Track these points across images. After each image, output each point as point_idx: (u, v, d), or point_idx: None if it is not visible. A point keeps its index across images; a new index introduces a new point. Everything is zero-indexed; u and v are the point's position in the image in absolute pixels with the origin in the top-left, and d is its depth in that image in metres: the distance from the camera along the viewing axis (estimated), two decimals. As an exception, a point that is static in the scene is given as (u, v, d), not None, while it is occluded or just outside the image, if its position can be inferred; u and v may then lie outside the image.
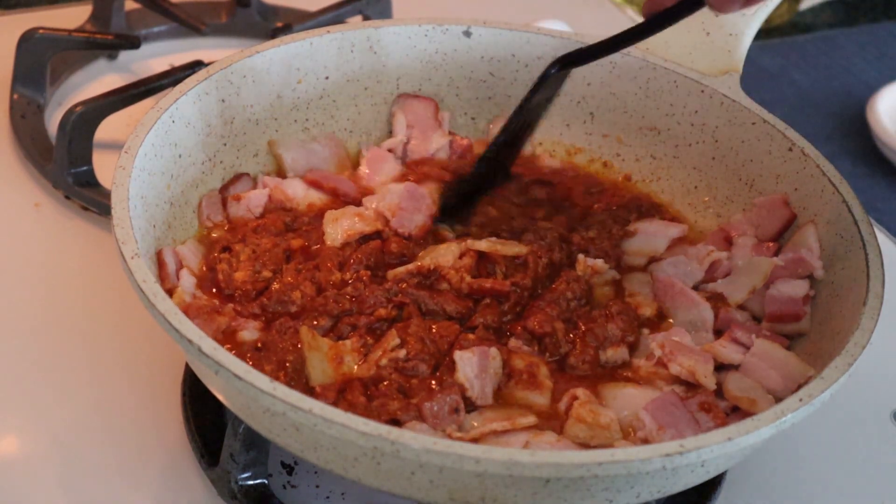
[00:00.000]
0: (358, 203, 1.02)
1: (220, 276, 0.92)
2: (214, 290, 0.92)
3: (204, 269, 0.94)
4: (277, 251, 0.94)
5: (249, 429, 0.84)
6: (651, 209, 1.07)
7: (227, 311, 0.89)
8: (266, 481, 0.88)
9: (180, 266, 0.92)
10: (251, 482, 0.87)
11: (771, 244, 1.00)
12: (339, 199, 1.04)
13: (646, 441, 0.84)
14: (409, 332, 0.88)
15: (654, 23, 0.89)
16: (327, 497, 0.90)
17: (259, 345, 0.86)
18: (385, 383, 0.84)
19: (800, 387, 0.81)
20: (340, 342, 0.87)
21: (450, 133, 1.13)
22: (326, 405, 0.71)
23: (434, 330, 0.89)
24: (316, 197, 1.03)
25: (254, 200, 1.00)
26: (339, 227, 0.97)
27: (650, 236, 1.03)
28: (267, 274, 0.92)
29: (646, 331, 0.94)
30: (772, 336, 0.93)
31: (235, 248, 0.94)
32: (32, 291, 1.06)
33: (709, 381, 0.88)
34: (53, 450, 0.92)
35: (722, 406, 0.87)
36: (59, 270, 1.09)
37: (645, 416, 0.84)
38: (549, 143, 1.15)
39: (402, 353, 0.86)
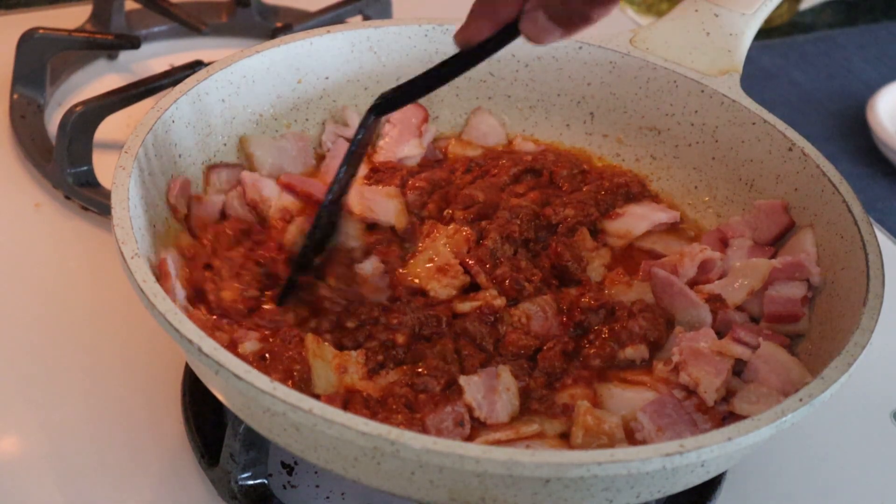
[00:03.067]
0: None
1: (211, 296, 0.90)
2: (203, 306, 0.90)
3: (187, 285, 0.90)
4: (250, 265, 0.92)
5: (249, 429, 0.84)
6: (639, 195, 1.07)
7: (226, 327, 0.88)
8: (266, 481, 0.88)
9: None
10: (251, 482, 0.87)
11: (767, 248, 0.99)
12: (312, 204, 1.02)
13: (644, 443, 0.83)
14: (435, 351, 0.87)
15: (470, 57, 0.84)
16: (327, 497, 0.90)
17: (265, 355, 0.85)
18: (391, 398, 0.83)
19: (797, 390, 0.81)
20: (346, 352, 0.87)
21: (434, 142, 1.11)
22: (326, 405, 0.71)
23: (459, 352, 0.89)
24: (289, 200, 1.01)
25: (209, 207, 0.98)
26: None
27: (635, 218, 1.03)
28: (253, 293, 0.91)
29: (678, 327, 0.93)
30: (773, 336, 0.92)
31: (216, 265, 0.92)
32: (32, 291, 1.06)
33: (708, 397, 0.87)
34: (53, 450, 0.92)
35: (721, 410, 0.87)
36: (59, 270, 1.09)
37: (643, 417, 0.84)
38: (548, 143, 1.14)
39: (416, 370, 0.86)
